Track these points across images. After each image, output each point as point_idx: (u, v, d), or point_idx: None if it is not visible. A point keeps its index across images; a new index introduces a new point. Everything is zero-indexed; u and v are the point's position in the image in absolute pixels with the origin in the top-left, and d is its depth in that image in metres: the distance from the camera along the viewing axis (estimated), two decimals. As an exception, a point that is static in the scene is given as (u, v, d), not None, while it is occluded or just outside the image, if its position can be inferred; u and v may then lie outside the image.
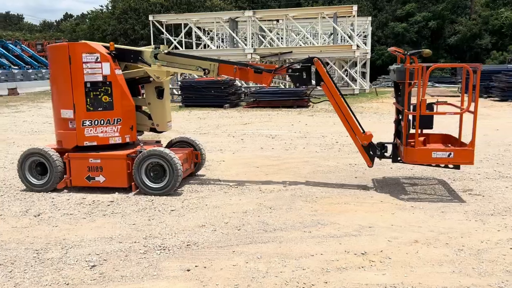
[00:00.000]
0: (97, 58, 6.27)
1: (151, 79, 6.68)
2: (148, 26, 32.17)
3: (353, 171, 7.64)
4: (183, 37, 28.39)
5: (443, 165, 6.06)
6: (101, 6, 53.61)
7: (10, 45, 40.90)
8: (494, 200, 5.90)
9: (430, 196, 6.16)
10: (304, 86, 6.78)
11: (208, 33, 34.07)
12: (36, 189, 6.57)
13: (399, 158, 6.36)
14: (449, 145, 6.43)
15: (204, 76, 7.06)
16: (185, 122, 15.09)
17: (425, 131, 6.45)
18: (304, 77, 6.45)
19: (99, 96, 6.33)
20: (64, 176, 6.52)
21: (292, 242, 4.62)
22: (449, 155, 5.85)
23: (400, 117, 6.35)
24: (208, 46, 29.06)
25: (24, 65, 39.39)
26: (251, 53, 23.29)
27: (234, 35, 26.82)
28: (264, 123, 14.64)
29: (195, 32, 28.05)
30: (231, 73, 6.56)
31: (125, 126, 6.51)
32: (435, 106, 6.06)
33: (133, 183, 6.37)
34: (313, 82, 6.45)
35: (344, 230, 4.94)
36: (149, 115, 7.00)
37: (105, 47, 6.48)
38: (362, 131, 6.35)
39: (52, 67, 6.52)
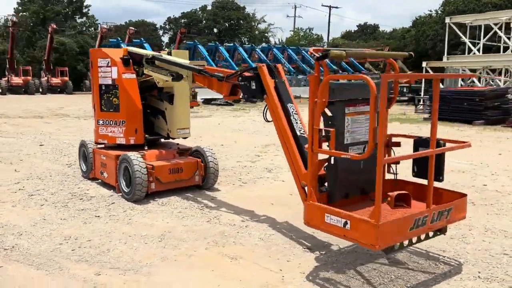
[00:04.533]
0: (108, 62, 6.73)
1: (159, 84, 6.63)
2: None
3: None
4: (481, 38, 24.89)
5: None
6: (430, 11, 51.87)
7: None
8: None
9: None
10: (254, 99, 5.22)
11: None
12: (82, 175, 7.63)
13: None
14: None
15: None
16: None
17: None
18: (253, 87, 5.01)
19: (110, 98, 6.78)
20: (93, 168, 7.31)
21: None
22: (344, 225, 3.47)
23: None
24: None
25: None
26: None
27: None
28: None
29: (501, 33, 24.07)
30: (201, 81, 5.78)
31: (129, 128, 6.73)
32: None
33: None
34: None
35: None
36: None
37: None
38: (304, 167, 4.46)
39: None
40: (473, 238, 5.00)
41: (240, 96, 5.33)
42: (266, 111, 4.99)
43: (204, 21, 69.23)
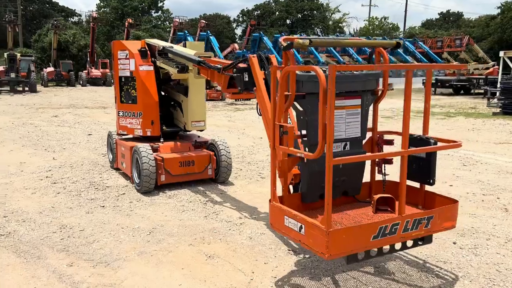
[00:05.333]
0: (127, 55, 6.81)
1: (172, 76, 6.61)
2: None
3: None
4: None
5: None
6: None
7: (407, 43, 41.41)
8: None
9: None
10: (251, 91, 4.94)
11: None
12: (110, 165, 7.85)
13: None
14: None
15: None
16: (492, 146, 10.14)
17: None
18: (246, 79, 4.77)
19: (129, 90, 6.88)
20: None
21: None
22: (300, 229, 3.15)
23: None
24: None
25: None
26: None
27: None
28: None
29: None
30: (205, 74, 5.61)
31: (146, 120, 6.79)
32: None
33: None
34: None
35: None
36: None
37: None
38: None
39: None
40: (487, 249, 4.44)
41: (238, 89, 5.13)
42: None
43: (277, 13, 69.04)
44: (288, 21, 70.45)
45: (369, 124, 3.86)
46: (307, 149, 3.67)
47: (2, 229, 4.92)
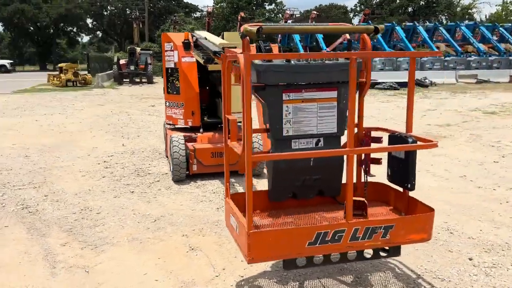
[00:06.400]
0: (171, 47, 7.01)
1: (208, 67, 6.64)
2: None
3: None
4: None
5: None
6: None
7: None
8: None
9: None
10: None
11: None
12: (165, 153, 8.21)
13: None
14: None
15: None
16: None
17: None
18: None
19: (174, 81, 7.09)
20: (168, 147, 7.78)
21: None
22: (236, 229, 2.91)
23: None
24: None
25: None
26: None
27: None
28: None
29: None
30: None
31: (187, 111, 6.94)
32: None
33: None
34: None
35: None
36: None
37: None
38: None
39: (165, 54, 7.76)
40: (506, 270, 3.75)
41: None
42: None
43: (397, 0, 65.57)
44: (410, 9, 66.56)
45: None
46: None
47: (33, 206, 5.43)
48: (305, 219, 3.39)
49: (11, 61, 49.34)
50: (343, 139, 3.69)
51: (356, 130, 3.69)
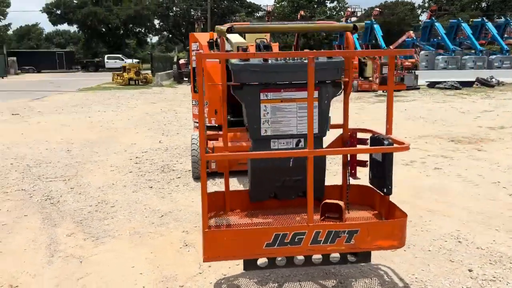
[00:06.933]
0: (197, 46, 7.14)
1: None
2: None
3: None
4: None
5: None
6: None
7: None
8: None
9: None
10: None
11: None
12: (194, 151, 8.38)
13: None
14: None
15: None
16: None
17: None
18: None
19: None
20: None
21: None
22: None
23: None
24: None
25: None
26: None
27: None
28: None
29: None
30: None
31: (211, 110, 7.04)
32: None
33: None
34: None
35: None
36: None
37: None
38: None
39: (194, 55, 7.89)
40: (506, 285, 3.47)
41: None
42: None
43: (470, -5, 62.31)
44: (483, 4, 63.06)
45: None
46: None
47: (56, 198, 5.76)
48: (283, 220, 3.34)
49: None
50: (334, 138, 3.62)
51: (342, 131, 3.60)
